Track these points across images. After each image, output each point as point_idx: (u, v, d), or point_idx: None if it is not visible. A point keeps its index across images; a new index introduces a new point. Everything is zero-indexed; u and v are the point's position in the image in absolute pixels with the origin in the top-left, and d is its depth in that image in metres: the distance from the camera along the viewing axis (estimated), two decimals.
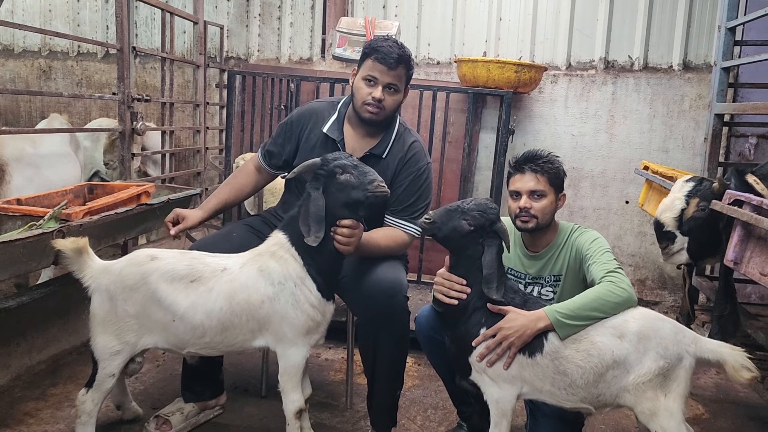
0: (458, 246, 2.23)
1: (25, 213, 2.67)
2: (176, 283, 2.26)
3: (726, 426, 3.10)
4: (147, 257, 2.30)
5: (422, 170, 2.69)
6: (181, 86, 5.55)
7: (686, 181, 2.80)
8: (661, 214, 2.79)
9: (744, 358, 2.05)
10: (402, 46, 2.61)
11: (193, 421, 2.73)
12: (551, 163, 2.43)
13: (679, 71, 4.83)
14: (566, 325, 2.10)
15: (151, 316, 2.27)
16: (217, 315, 2.26)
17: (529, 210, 2.39)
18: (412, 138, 2.74)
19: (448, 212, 2.23)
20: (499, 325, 2.15)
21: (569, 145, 5.02)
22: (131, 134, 3.94)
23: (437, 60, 5.26)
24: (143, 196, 3.18)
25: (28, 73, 6.00)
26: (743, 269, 2.14)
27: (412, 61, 2.64)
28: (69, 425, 2.68)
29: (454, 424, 2.84)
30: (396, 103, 2.63)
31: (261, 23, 5.56)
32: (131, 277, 2.26)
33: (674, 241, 2.78)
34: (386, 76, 2.54)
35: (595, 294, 2.15)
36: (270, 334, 2.32)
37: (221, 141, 5.53)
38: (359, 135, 2.70)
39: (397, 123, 2.74)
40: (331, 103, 2.81)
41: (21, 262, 2.42)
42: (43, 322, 3.13)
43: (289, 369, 2.34)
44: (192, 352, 2.36)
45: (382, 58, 2.53)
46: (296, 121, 2.77)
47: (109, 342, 2.30)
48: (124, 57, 3.80)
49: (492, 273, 2.18)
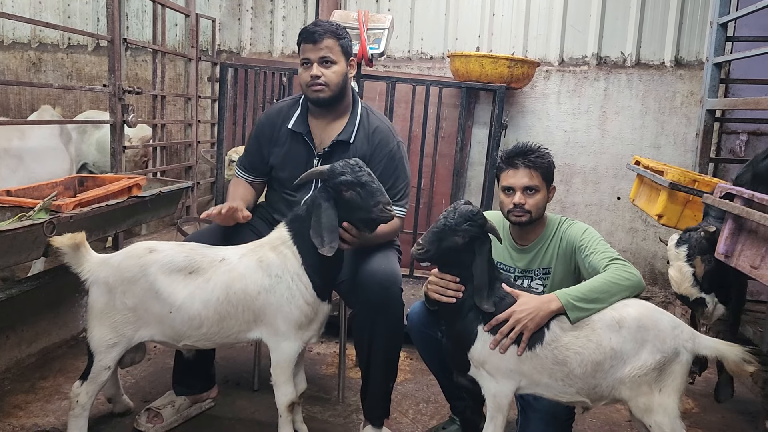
0: (455, 259, 2.20)
1: (14, 204, 2.64)
2: (175, 275, 2.27)
3: (716, 420, 3.12)
4: (145, 249, 2.30)
5: (393, 152, 2.68)
6: (173, 79, 5.52)
7: (677, 246, 2.76)
8: (681, 288, 2.75)
9: (744, 352, 2.06)
10: (328, 21, 2.65)
11: (184, 414, 2.72)
12: (543, 158, 2.43)
13: (671, 68, 4.85)
14: (577, 308, 2.10)
15: (149, 308, 2.27)
16: (214, 305, 2.26)
17: (524, 206, 2.39)
18: (377, 121, 2.73)
19: (437, 235, 2.17)
20: (512, 309, 2.13)
21: (561, 141, 5.03)
22: (122, 126, 3.90)
23: (430, 55, 5.26)
24: (134, 188, 3.15)
25: (17, 65, 5.95)
26: (734, 262, 2.16)
27: (341, 30, 2.63)
28: (59, 418, 2.66)
29: (445, 417, 2.84)
30: (338, 74, 2.60)
31: (253, 16, 5.54)
32: (130, 270, 2.26)
33: (706, 303, 2.75)
34: (316, 52, 2.56)
35: (605, 278, 2.16)
36: (264, 326, 2.33)
37: (213, 135, 5.51)
38: (324, 123, 2.71)
39: (360, 107, 2.74)
40: (294, 99, 2.83)
41: (11, 253, 2.39)
42: (33, 315, 3.11)
43: (281, 362, 2.35)
44: (188, 345, 2.36)
45: (307, 36, 2.58)
46: (265, 124, 2.80)
47: (105, 335, 2.30)
48: (115, 49, 3.77)
49: (482, 283, 2.16)
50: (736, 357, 2.06)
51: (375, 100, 4.71)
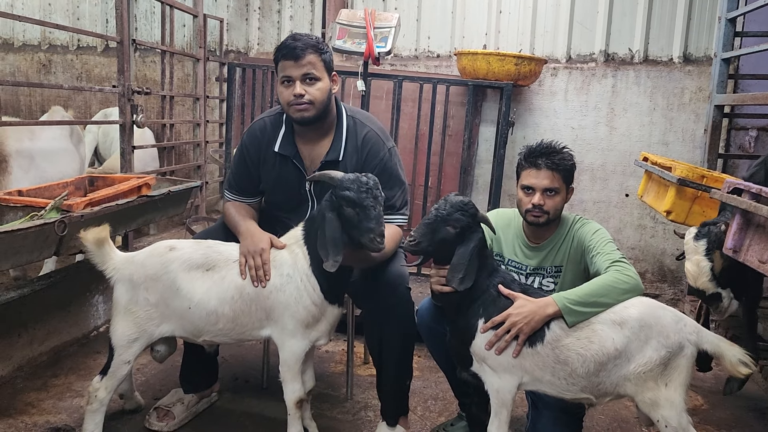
0: (449, 252, 2.20)
1: (26, 204, 2.67)
2: (193, 272, 2.33)
3: (724, 417, 3.11)
4: (166, 248, 2.38)
5: (384, 161, 2.57)
6: (181, 80, 5.56)
7: (696, 239, 2.72)
8: (698, 282, 2.71)
9: (742, 354, 2.06)
10: (308, 35, 2.51)
11: (193, 410, 2.75)
12: (566, 160, 2.41)
13: (679, 64, 4.83)
14: (574, 312, 2.10)
15: (170, 304, 2.33)
16: (229, 302, 2.32)
17: (542, 207, 2.37)
18: (365, 129, 2.61)
19: (428, 226, 2.19)
20: (508, 312, 2.14)
21: (569, 138, 5.01)
22: (131, 127, 3.94)
23: (437, 53, 5.26)
24: (144, 188, 3.18)
25: (27, 67, 6.01)
26: (742, 257, 2.15)
27: (322, 44, 2.50)
28: (71, 415, 2.69)
29: (454, 415, 2.85)
30: (322, 92, 2.47)
31: (261, 16, 5.56)
32: (153, 267, 2.34)
33: (722, 299, 2.72)
34: (298, 69, 2.42)
35: (602, 282, 2.16)
36: (274, 323, 2.36)
37: (221, 134, 5.54)
38: (311, 143, 2.61)
39: (345, 116, 2.62)
40: (276, 116, 2.67)
41: (23, 252, 2.42)
42: (44, 314, 3.14)
43: (288, 359, 2.38)
44: (207, 340, 2.42)
45: (287, 53, 2.43)
46: (249, 145, 2.67)
47: (127, 330, 2.35)
48: (124, 49, 3.80)
49: (460, 263, 2.16)
50: (734, 357, 2.06)
51: (382, 99, 4.72)
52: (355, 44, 3.64)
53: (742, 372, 2.05)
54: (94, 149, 4.55)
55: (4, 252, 2.34)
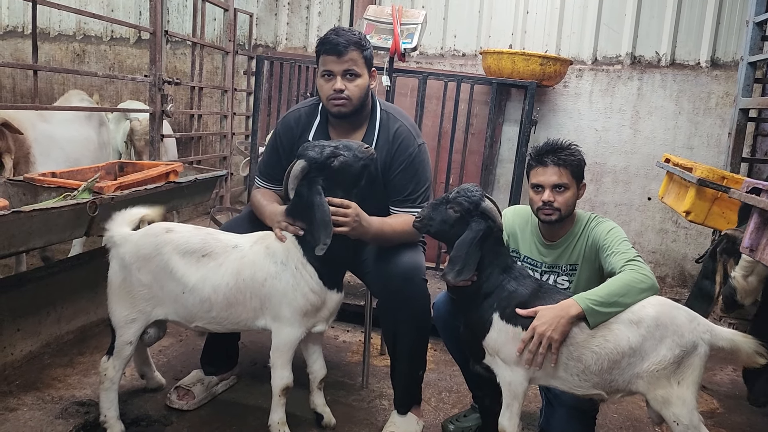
0: (453, 236, 2.23)
1: (59, 185, 2.78)
2: (188, 257, 2.34)
3: (740, 421, 3.10)
4: (163, 229, 2.39)
5: (413, 156, 2.61)
6: (210, 72, 5.66)
7: None
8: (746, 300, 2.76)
9: (758, 345, 2.07)
10: (350, 30, 2.54)
11: (212, 392, 2.83)
12: (573, 155, 2.41)
13: (706, 68, 4.80)
14: (597, 313, 2.10)
15: (163, 286, 2.35)
16: (224, 290, 2.32)
17: (553, 203, 2.38)
18: (397, 124, 2.64)
19: (433, 206, 2.25)
20: (533, 325, 2.12)
21: (593, 140, 5.02)
22: (161, 115, 4.03)
23: (463, 52, 5.29)
24: (171, 174, 3.26)
25: (62, 56, 6.17)
26: (759, 256, 2.15)
27: (365, 41, 2.54)
28: (95, 391, 2.77)
29: (467, 407, 2.88)
30: (361, 88, 2.52)
31: (290, 12, 5.64)
32: (146, 247, 2.35)
33: None
34: (340, 65, 2.47)
35: (621, 281, 2.16)
36: (269, 311, 2.37)
37: (247, 126, 5.63)
38: (344, 134, 2.65)
39: (379, 110, 2.67)
40: (311, 106, 2.73)
41: (55, 230, 2.51)
42: (72, 294, 3.24)
43: (281, 346, 2.39)
44: (199, 327, 2.43)
45: (330, 48, 2.47)
46: (283, 134, 2.72)
47: (124, 310, 2.38)
48: (156, 40, 3.90)
49: (458, 256, 2.17)
50: (750, 348, 2.07)
51: (407, 96, 4.76)
52: (381, 39, 3.69)
53: (760, 362, 2.06)
54: (127, 136, 4.64)
55: (39, 229, 2.43)
